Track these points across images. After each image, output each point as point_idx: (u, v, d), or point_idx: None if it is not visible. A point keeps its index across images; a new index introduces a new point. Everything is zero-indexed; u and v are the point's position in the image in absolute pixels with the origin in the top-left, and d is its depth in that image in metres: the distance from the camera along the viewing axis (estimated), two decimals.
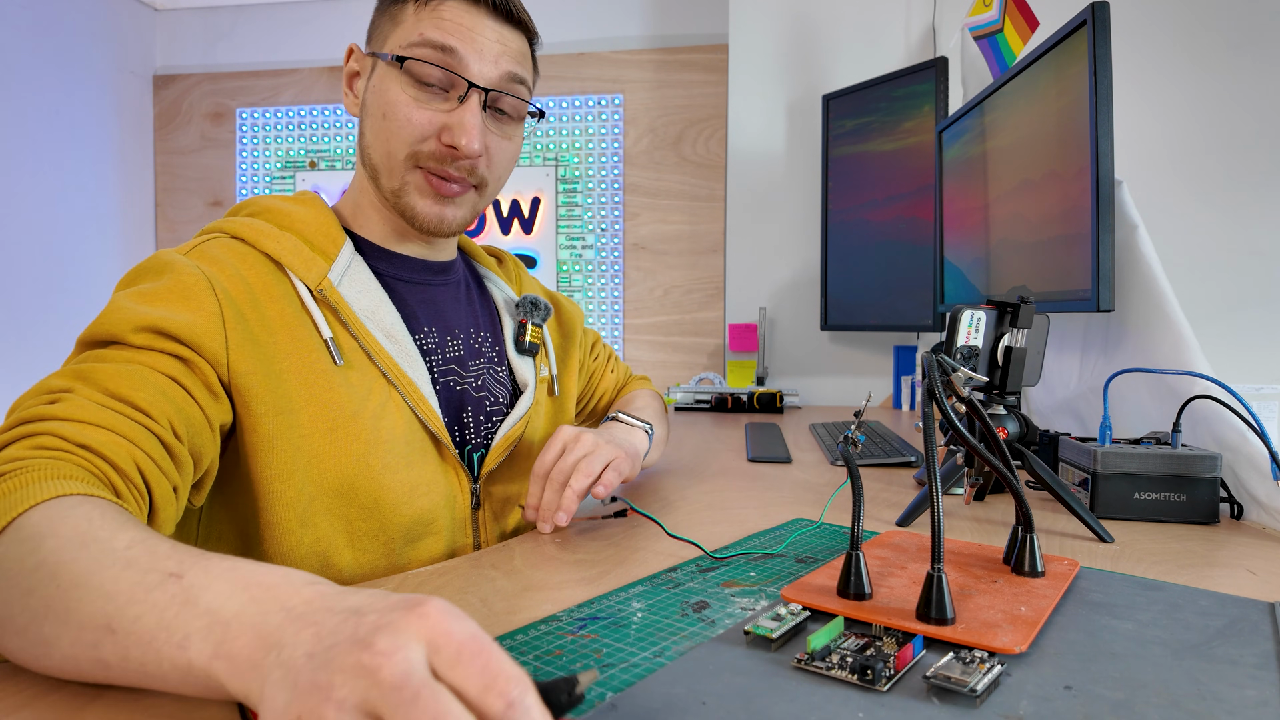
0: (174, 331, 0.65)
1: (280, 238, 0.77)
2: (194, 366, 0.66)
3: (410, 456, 0.80)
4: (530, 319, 0.97)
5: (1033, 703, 0.43)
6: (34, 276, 2.70)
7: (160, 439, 0.61)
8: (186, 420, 0.64)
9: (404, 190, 0.81)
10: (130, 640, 0.40)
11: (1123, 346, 1.13)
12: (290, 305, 0.75)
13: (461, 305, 0.92)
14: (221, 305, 0.69)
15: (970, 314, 0.88)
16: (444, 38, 0.77)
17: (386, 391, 0.79)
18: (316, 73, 3.05)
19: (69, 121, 2.84)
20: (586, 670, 0.43)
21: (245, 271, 0.74)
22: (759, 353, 2.51)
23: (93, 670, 0.42)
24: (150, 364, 0.64)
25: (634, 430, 0.99)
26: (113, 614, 0.41)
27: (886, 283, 2.19)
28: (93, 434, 0.56)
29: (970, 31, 1.82)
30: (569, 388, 1.04)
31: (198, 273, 0.70)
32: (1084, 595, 0.60)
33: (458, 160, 0.80)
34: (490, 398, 0.90)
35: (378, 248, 0.86)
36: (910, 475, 1.17)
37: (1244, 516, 0.88)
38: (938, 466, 0.54)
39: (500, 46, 0.80)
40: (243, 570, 0.41)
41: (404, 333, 0.81)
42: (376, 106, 0.80)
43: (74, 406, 0.57)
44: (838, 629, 0.50)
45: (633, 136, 2.83)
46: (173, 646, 0.38)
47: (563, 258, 2.86)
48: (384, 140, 0.80)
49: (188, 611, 0.39)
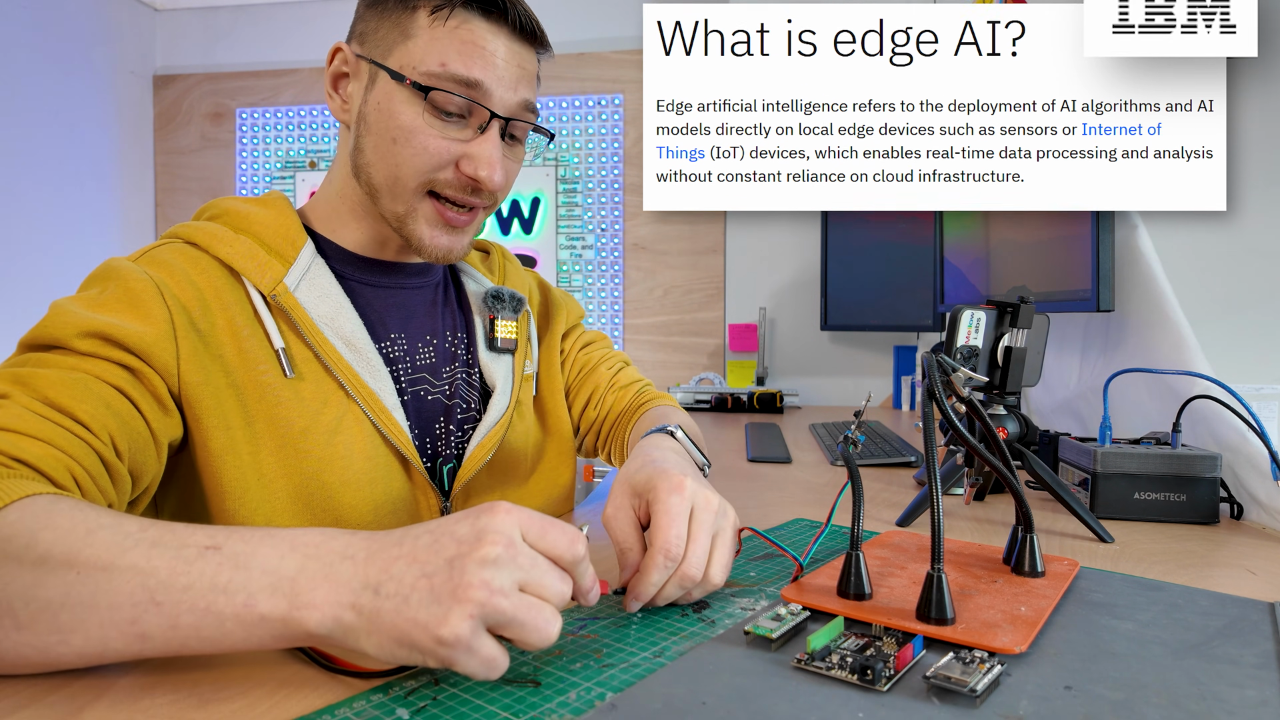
0: (122, 340, 0.62)
1: (234, 241, 0.73)
2: (142, 377, 0.63)
3: (373, 474, 0.75)
4: (498, 313, 0.88)
5: (1033, 703, 0.43)
6: (34, 276, 2.70)
7: (100, 455, 0.57)
8: (130, 435, 0.61)
9: (410, 217, 0.76)
10: (181, 609, 0.43)
11: (1123, 346, 1.13)
12: (242, 313, 0.71)
13: (437, 307, 0.86)
14: (172, 313, 0.66)
15: (970, 314, 0.88)
16: (469, 72, 0.72)
17: (344, 405, 0.74)
18: (316, 73, 3.05)
19: (69, 121, 2.83)
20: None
21: (197, 277, 0.70)
22: (759, 353, 2.51)
23: (124, 647, 0.44)
24: (95, 373, 0.60)
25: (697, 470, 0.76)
26: (155, 588, 0.43)
27: (886, 283, 2.19)
28: (28, 446, 0.53)
29: None
30: (553, 385, 0.95)
31: (146, 279, 0.66)
32: (1084, 595, 0.60)
33: (479, 191, 0.76)
34: (462, 405, 0.84)
35: (348, 253, 0.81)
36: (910, 475, 1.17)
37: (1244, 516, 0.88)
38: (938, 466, 0.53)
39: (519, 71, 0.75)
40: (280, 535, 0.46)
41: (366, 341, 0.76)
42: (384, 128, 0.74)
43: (10, 415, 0.54)
44: (838, 629, 0.50)
45: (633, 136, 2.83)
46: (237, 605, 0.43)
47: (563, 258, 2.86)
48: (392, 165, 0.74)
49: (242, 575, 0.44)
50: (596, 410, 0.99)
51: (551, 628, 0.44)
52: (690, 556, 0.55)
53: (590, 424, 0.99)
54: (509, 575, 0.43)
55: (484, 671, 0.43)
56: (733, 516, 0.61)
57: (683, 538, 0.55)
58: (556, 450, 0.93)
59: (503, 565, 0.43)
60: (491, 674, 0.43)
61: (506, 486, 0.87)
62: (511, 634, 0.43)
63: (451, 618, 0.41)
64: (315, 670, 0.47)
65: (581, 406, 0.99)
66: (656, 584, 0.55)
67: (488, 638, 0.42)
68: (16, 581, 0.44)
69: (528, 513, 0.47)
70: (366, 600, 0.42)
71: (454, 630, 0.41)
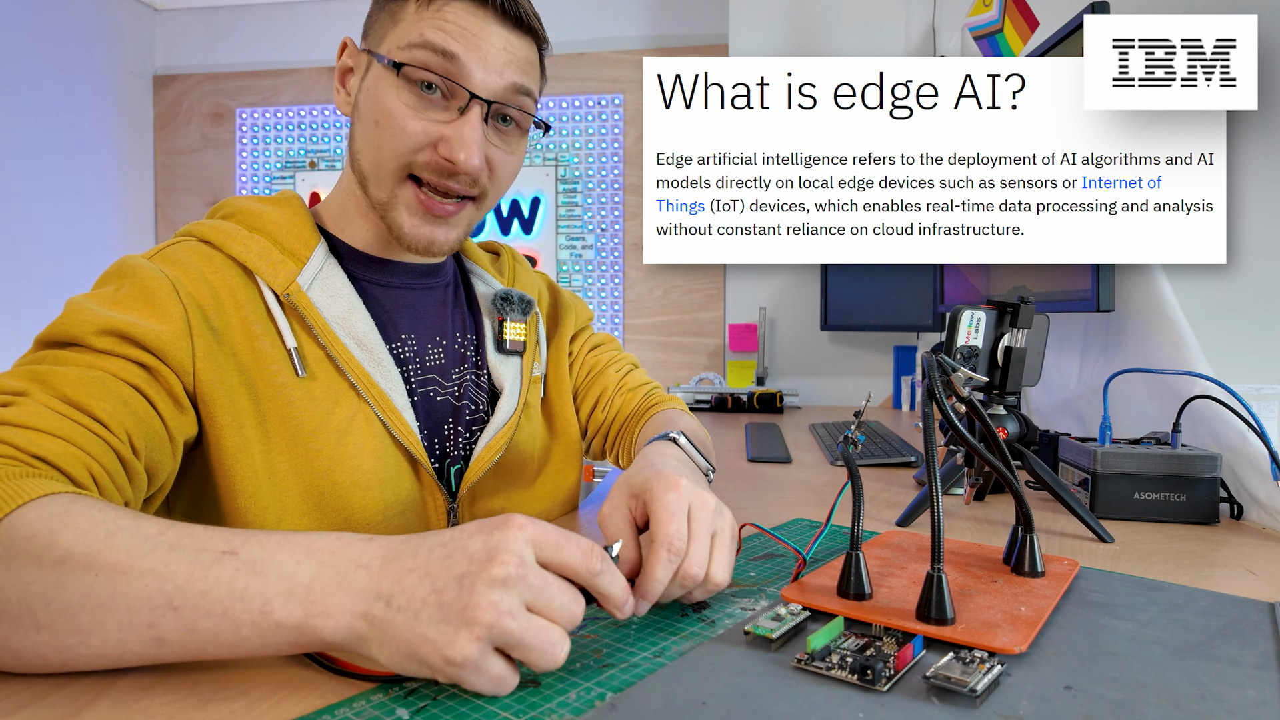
0: (139, 338, 0.62)
1: (248, 240, 0.73)
2: (159, 376, 0.63)
3: (383, 474, 0.74)
4: (507, 315, 0.88)
5: (1033, 703, 0.43)
6: (34, 276, 2.70)
7: (117, 453, 0.58)
8: (146, 433, 0.61)
9: (392, 204, 0.75)
10: (199, 614, 0.43)
11: (1123, 346, 1.13)
12: (255, 312, 0.71)
13: (448, 309, 0.86)
14: (187, 311, 0.66)
15: (970, 314, 0.88)
16: (446, 42, 0.71)
17: (355, 405, 0.74)
18: (316, 73, 3.05)
19: (69, 121, 2.84)
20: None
21: (211, 276, 0.70)
22: (759, 353, 2.51)
23: (142, 651, 0.44)
24: (112, 370, 0.60)
25: (697, 473, 0.75)
26: (173, 593, 0.44)
27: (886, 283, 2.19)
28: (47, 444, 0.54)
29: (970, 31, 1.82)
30: (561, 388, 0.95)
31: (162, 277, 0.67)
32: (1084, 595, 0.60)
33: (456, 174, 0.74)
34: (470, 406, 0.83)
35: (359, 253, 0.81)
36: (910, 475, 1.17)
37: (1244, 516, 0.88)
38: (938, 466, 0.53)
39: (507, 55, 0.74)
40: (297, 540, 0.46)
41: (378, 341, 0.76)
42: (369, 111, 0.74)
43: (29, 413, 0.55)
44: (838, 629, 0.50)
45: (633, 136, 2.83)
46: (253, 612, 0.43)
47: (563, 258, 2.87)
48: (374, 148, 0.74)
49: (259, 581, 0.44)
50: (604, 413, 0.98)
51: (558, 650, 0.43)
52: (691, 553, 0.54)
53: (598, 426, 0.99)
54: (517, 596, 0.43)
55: (492, 689, 0.43)
56: (730, 518, 0.60)
57: (683, 532, 0.54)
58: (563, 453, 0.93)
59: (511, 586, 0.42)
60: (500, 691, 0.43)
61: (513, 489, 0.86)
62: (518, 655, 0.43)
63: (460, 639, 0.41)
64: (315, 670, 0.47)
65: (589, 409, 0.99)
66: (663, 580, 0.53)
67: (496, 657, 0.42)
68: (38, 582, 0.44)
69: (543, 528, 0.46)
70: (379, 611, 0.43)
71: (462, 652, 0.41)
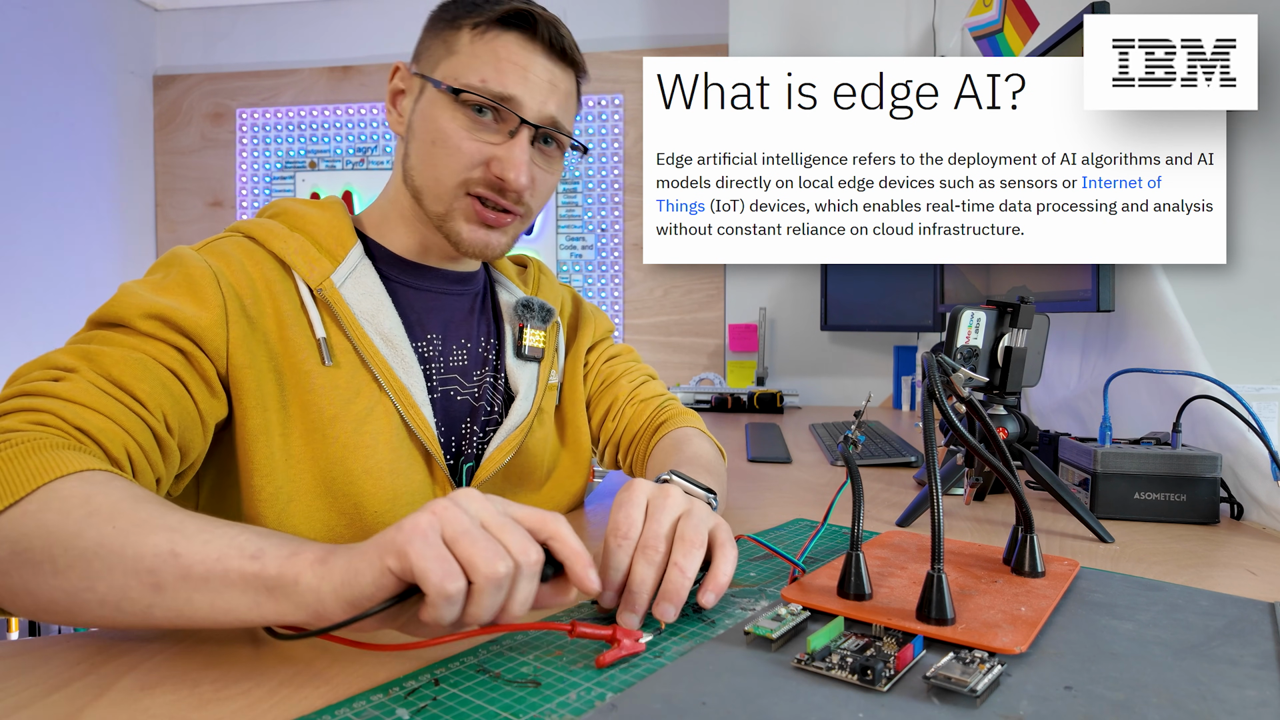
0: (180, 323, 0.67)
1: (288, 238, 0.79)
2: (194, 361, 0.68)
3: (395, 464, 0.78)
4: (527, 322, 0.92)
5: (1033, 703, 0.43)
6: (34, 276, 2.70)
7: (153, 431, 0.63)
8: (181, 413, 0.66)
9: (450, 215, 0.81)
10: (195, 559, 0.46)
11: (1123, 346, 1.14)
12: (290, 303, 0.76)
13: (474, 315, 0.90)
14: (225, 299, 0.71)
15: (970, 314, 0.88)
16: (502, 87, 0.78)
17: (375, 396, 0.77)
18: (316, 73, 3.05)
19: (69, 122, 2.84)
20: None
21: (251, 268, 0.75)
22: (759, 353, 2.51)
23: (139, 596, 0.47)
24: (153, 354, 0.66)
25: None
26: (179, 541, 0.47)
27: (886, 283, 2.19)
28: (90, 418, 0.58)
29: (970, 31, 1.82)
30: (575, 396, 0.97)
31: (205, 266, 0.72)
32: (1084, 595, 0.60)
33: (505, 191, 0.80)
34: (487, 407, 0.87)
35: (396, 256, 0.86)
36: (910, 475, 1.17)
37: (1244, 516, 0.88)
38: (938, 466, 0.54)
39: (551, 85, 0.81)
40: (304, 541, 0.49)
41: (403, 338, 0.80)
42: (425, 132, 0.80)
43: (76, 388, 0.60)
44: (838, 629, 0.50)
45: (633, 136, 2.83)
46: (245, 558, 0.46)
47: (563, 258, 2.87)
48: (432, 166, 0.80)
49: (261, 538, 0.47)
50: (615, 423, 0.99)
51: (499, 563, 0.44)
52: (647, 532, 0.55)
53: (609, 436, 0.99)
54: (474, 512, 0.46)
55: (439, 574, 0.42)
56: (706, 518, 0.59)
57: (632, 518, 0.56)
58: (572, 460, 0.95)
59: (468, 504, 0.46)
60: (446, 582, 0.43)
61: (520, 490, 0.89)
62: (462, 554, 0.44)
63: (415, 516, 0.45)
64: (315, 670, 0.48)
65: (600, 418, 0.99)
66: (619, 567, 0.54)
67: (443, 545, 0.44)
68: (62, 530, 0.48)
69: (501, 498, 0.50)
70: (347, 552, 0.46)
71: (413, 520, 0.44)
